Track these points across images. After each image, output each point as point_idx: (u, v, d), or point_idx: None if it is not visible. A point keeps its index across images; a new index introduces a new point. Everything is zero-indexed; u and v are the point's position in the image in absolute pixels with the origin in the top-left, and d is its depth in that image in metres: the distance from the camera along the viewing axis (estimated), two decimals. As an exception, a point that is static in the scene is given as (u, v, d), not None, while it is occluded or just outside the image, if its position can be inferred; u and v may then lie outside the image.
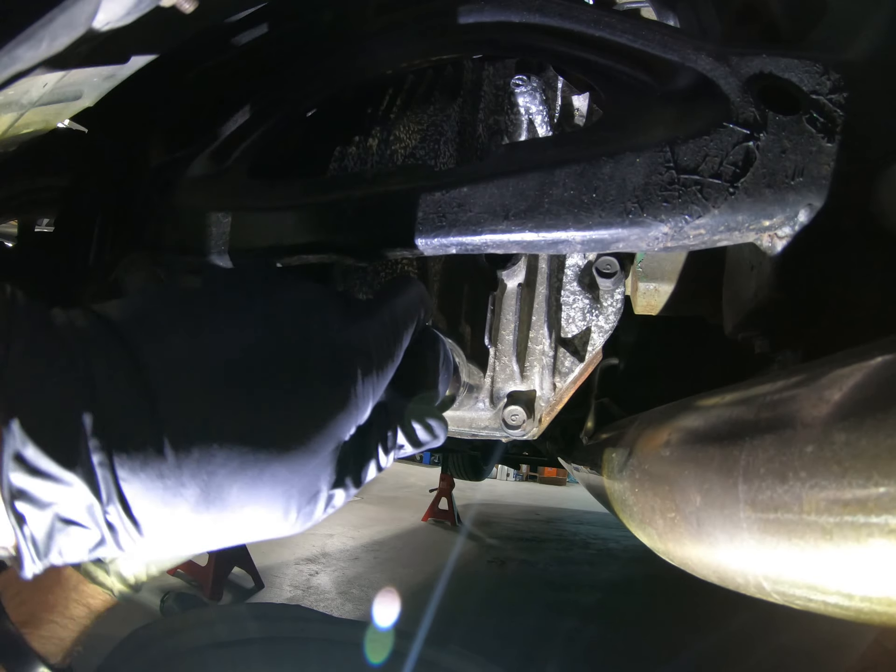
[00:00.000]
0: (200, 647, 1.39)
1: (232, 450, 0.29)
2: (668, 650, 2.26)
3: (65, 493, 0.26)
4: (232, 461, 0.29)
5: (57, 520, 0.26)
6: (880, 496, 0.27)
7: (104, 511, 0.27)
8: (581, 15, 0.57)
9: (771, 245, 0.49)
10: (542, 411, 0.66)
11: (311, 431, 0.33)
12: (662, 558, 0.57)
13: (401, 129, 0.70)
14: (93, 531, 0.28)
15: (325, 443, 0.33)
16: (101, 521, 0.27)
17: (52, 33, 0.41)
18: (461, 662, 1.47)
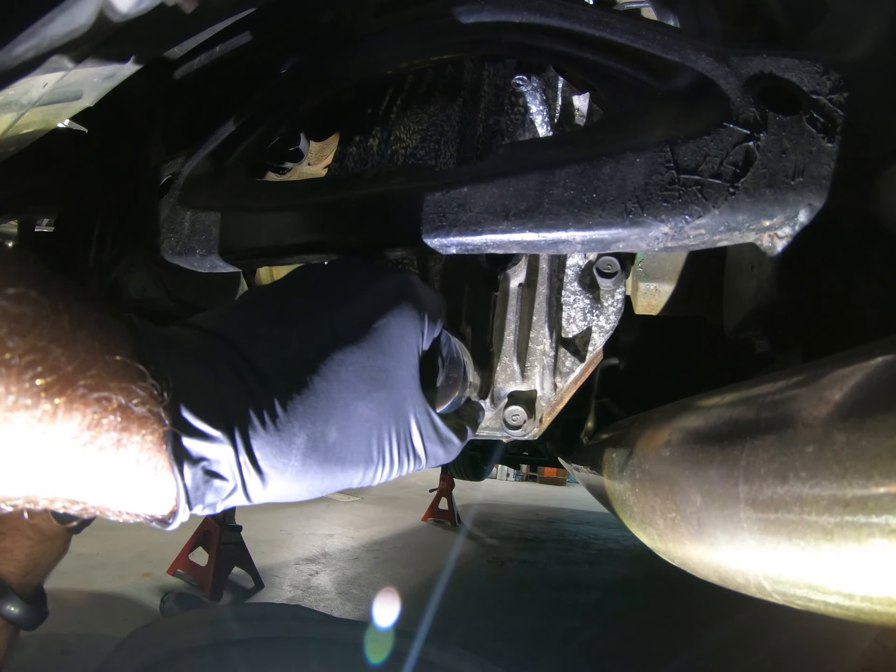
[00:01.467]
0: (200, 647, 1.39)
1: (326, 403, 0.38)
2: (668, 650, 2.26)
3: (211, 448, 0.33)
4: (327, 411, 0.38)
5: (203, 472, 0.33)
6: (880, 496, 0.27)
7: (238, 463, 0.34)
8: (581, 15, 0.57)
9: (771, 245, 0.49)
10: (542, 411, 0.66)
11: (384, 377, 0.41)
12: (662, 558, 0.57)
13: (401, 129, 0.70)
14: (229, 482, 0.35)
15: (392, 359, 0.42)
16: (237, 473, 0.35)
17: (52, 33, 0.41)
18: (461, 662, 1.47)
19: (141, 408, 0.31)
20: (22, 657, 1.64)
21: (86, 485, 0.31)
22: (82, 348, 0.29)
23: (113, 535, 2.92)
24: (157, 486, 0.33)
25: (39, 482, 0.29)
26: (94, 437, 0.29)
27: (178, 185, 0.68)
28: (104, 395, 0.29)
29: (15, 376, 0.26)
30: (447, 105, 0.70)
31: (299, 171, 0.92)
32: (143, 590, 2.35)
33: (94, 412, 0.29)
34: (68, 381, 0.28)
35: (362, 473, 0.41)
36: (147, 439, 0.31)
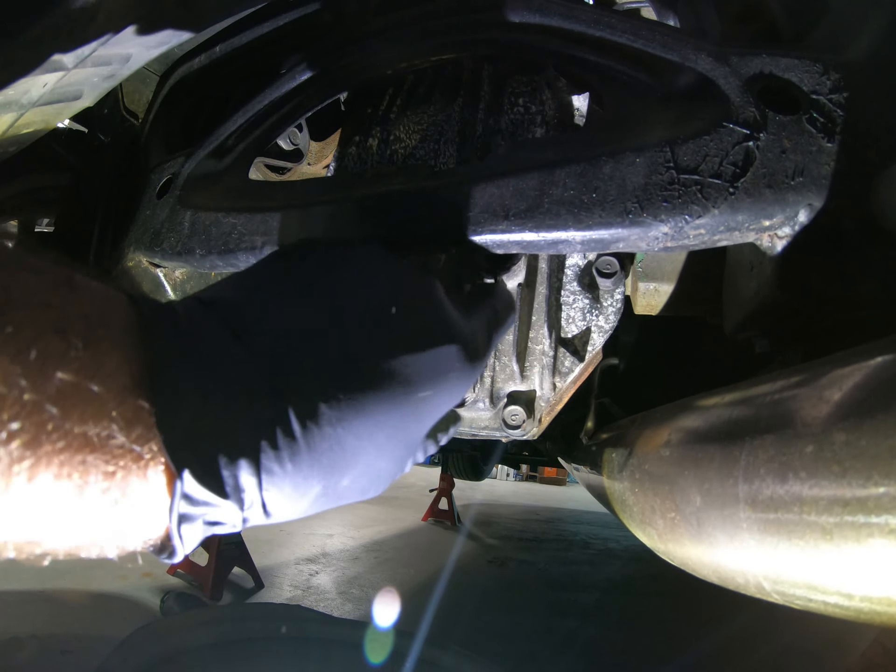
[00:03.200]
0: (200, 647, 1.39)
1: (352, 459, 0.34)
2: (668, 650, 2.26)
3: (217, 511, 0.31)
4: (348, 466, 0.34)
5: (204, 523, 0.31)
6: (880, 496, 0.27)
7: (243, 514, 0.32)
8: (581, 15, 0.57)
9: (771, 245, 0.49)
10: (542, 411, 0.66)
11: (412, 419, 0.37)
12: (662, 558, 0.57)
13: (401, 129, 0.70)
14: (229, 526, 0.33)
15: (423, 425, 0.38)
16: (240, 520, 0.32)
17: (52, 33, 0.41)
18: (461, 662, 1.47)
19: (131, 469, 0.28)
20: (22, 657, 1.64)
21: (69, 534, 0.29)
22: (56, 396, 0.25)
23: (113, 535, 2.91)
24: (148, 540, 0.32)
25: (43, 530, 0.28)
26: (75, 495, 0.27)
27: (178, 185, 0.68)
28: (85, 459, 0.26)
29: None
30: (447, 105, 0.70)
31: (299, 171, 0.92)
32: (143, 590, 2.34)
33: (100, 476, 0.27)
34: (39, 440, 0.25)
35: (354, 501, 0.39)
36: (140, 503, 0.29)
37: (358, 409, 0.34)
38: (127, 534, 0.30)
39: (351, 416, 0.33)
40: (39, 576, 2.26)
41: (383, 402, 0.35)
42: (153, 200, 0.71)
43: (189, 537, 0.32)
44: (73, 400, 0.25)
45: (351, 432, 0.34)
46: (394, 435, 0.36)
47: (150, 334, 0.29)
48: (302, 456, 0.32)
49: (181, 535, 0.31)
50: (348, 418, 0.33)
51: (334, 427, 0.33)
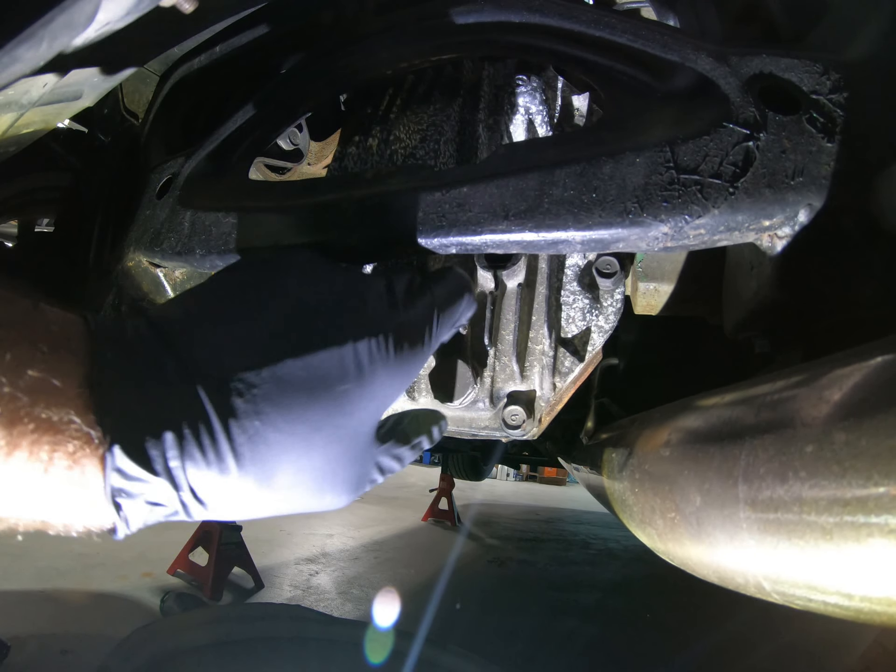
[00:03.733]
0: (200, 647, 1.39)
1: (277, 454, 0.37)
2: (668, 650, 2.26)
3: (151, 488, 0.35)
4: (277, 460, 0.37)
5: (145, 503, 0.35)
6: (880, 496, 0.27)
7: (179, 497, 0.36)
8: (581, 15, 0.57)
9: (771, 245, 0.49)
10: (542, 411, 0.66)
11: (328, 419, 0.39)
12: (662, 558, 0.57)
13: (401, 129, 0.70)
14: (170, 507, 0.37)
15: (355, 419, 0.40)
16: (177, 502, 0.36)
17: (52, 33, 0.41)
18: (461, 662, 1.47)
19: (74, 459, 0.33)
20: (22, 657, 1.64)
21: (26, 512, 0.34)
22: (6, 407, 0.31)
23: (113, 535, 2.91)
24: (99, 516, 0.35)
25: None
26: (41, 472, 0.32)
27: (178, 185, 0.68)
28: (50, 439, 0.32)
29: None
30: (447, 105, 0.70)
31: (299, 170, 0.92)
32: (143, 590, 2.35)
33: (39, 453, 0.32)
34: (14, 422, 0.31)
35: (312, 507, 0.41)
36: (85, 488, 0.33)
37: (274, 403, 0.37)
38: (81, 510, 0.35)
39: (267, 408, 0.36)
40: (39, 576, 2.26)
41: (300, 395, 0.37)
42: (153, 200, 0.71)
43: (132, 515, 0.36)
44: (39, 391, 0.32)
45: (269, 425, 0.36)
46: (320, 428, 0.38)
47: (97, 345, 0.35)
48: (221, 445, 0.35)
49: (120, 508, 0.35)
50: (265, 411, 0.36)
51: (251, 419, 0.36)
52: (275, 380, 0.37)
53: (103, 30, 0.48)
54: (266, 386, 0.37)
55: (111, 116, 0.99)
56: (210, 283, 0.44)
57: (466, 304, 0.50)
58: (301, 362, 0.38)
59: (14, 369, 0.31)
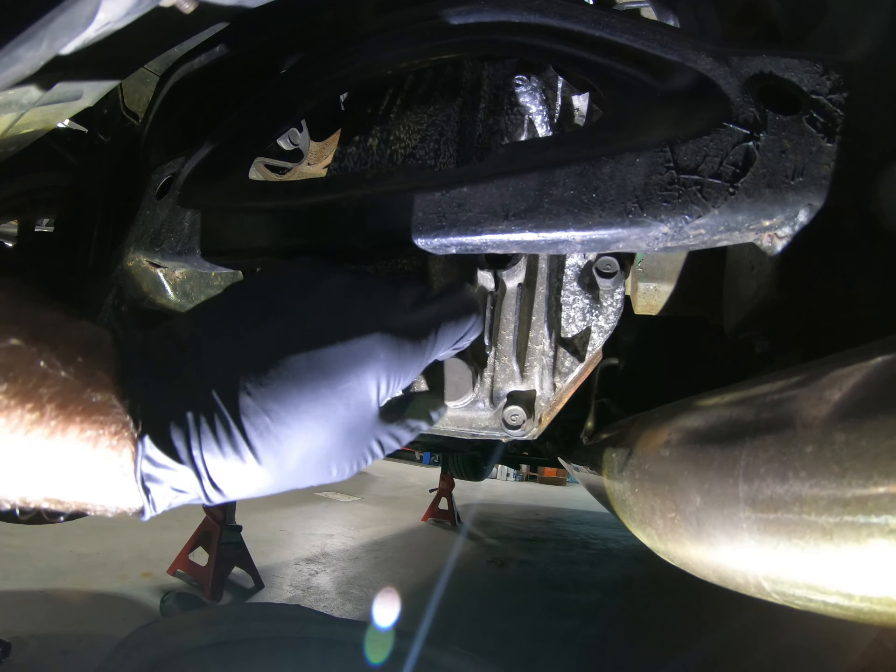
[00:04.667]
0: (200, 647, 1.39)
1: (288, 444, 0.41)
2: (668, 650, 2.26)
3: (176, 476, 0.39)
4: (288, 449, 0.41)
5: (170, 489, 0.39)
6: (880, 496, 0.27)
7: (200, 484, 0.40)
8: (581, 15, 0.57)
9: (771, 245, 0.49)
10: (541, 411, 0.66)
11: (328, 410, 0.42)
12: (662, 558, 0.57)
13: (401, 129, 0.70)
14: (191, 494, 0.41)
15: (358, 411, 0.43)
16: (199, 489, 0.40)
17: (52, 33, 0.41)
18: (461, 662, 1.47)
19: (115, 440, 0.37)
20: (22, 657, 1.64)
21: (73, 491, 0.38)
22: (63, 388, 0.35)
23: (113, 536, 2.92)
24: (131, 500, 0.40)
25: (32, 487, 0.37)
26: (90, 450, 0.36)
27: (178, 185, 0.68)
28: (97, 419, 0.36)
29: (8, 413, 0.33)
30: (447, 105, 0.70)
31: (299, 170, 0.92)
32: (143, 590, 2.35)
33: (88, 431, 0.36)
34: (49, 416, 0.34)
35: (319, 482, 0.45)
36: (121, 469, 0.38)
37: (280, 400, 0.40)
38: (116, 491, 0.39)
39: (274, 406, 0.40)
40: (39, 576, 2.26)
41: (305, 392, 0.41)
42: (153, 200, 0.71)
43: (159, 499, 0.39)
44: (88, 377, 0.36)
45: (277, 420, 0.40)
46: (325, 420, 0.42)
47: (124, 351, 0.40)
48: (235, 439, 0.39)
49: (149, 492, 0.39)
50: (272, 408, 0.40)
51: (260, 416, 0.40)
52: (280, 379, 0.41)
53: (103, 30, 0.48)
54: (272, 385, 0.40)
55: (111, 116, 1.00)
56: (222, 296, 0.48)
57: (472, 327, 0.52)
58: (305, 362, 0.41)
59: (64, 358, 0.36)
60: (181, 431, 0.38)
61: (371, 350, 0.43)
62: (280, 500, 4.36)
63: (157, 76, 0.86)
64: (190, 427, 0.39)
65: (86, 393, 0.36)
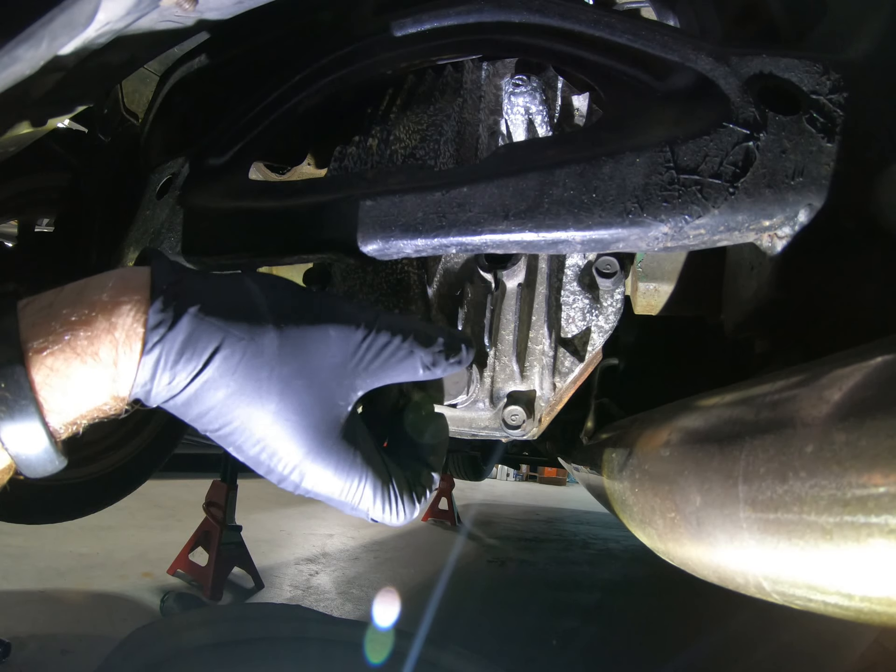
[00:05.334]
0: (200, 647, 1.39)
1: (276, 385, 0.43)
2: (668, 650, 2.26)
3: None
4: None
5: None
6: (880, 496, 0.27)
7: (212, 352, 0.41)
8: (581, 15, 0.57)
9: (771, 245, 0.49)
10: (541, 411, 0.66)
11: None
12: (662, 558, 0.57)
13: (401, 129, 0.70)
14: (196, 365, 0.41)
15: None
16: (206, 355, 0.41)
17: (52, 33, 0.41)
18: (461, 662, 1.47)
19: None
20: (22, 657, 1.64)
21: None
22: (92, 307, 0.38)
23: (113, 536, 2.92)
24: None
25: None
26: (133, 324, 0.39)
27: (177, 185, 0.68)
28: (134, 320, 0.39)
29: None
30: (447, 105, 0.70)
31: (299, 170, 0.92)
32: (143, 590, 2.35)
33: (140, 322, 0.39)
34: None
35: None
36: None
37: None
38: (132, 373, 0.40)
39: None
40: (39, 576, 2.26)
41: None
42: (153, 200, 0.71)
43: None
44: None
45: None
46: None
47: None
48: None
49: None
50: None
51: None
52: None
53: (103, 30, 0.48)
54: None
55: (111, 116, 0.99)
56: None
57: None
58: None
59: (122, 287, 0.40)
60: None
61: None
62: (280, 500, 4.36)
63: (157, 76, 0.86)
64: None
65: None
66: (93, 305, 0.39)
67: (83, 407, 0.39)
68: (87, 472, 1.56)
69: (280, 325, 0.43)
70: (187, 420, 0.43)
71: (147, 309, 0.39)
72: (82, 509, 1.61)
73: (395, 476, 0.49)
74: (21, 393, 0.36)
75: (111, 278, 0.41)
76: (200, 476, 3.76)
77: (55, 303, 0.40)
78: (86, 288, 0.40)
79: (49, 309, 0.39)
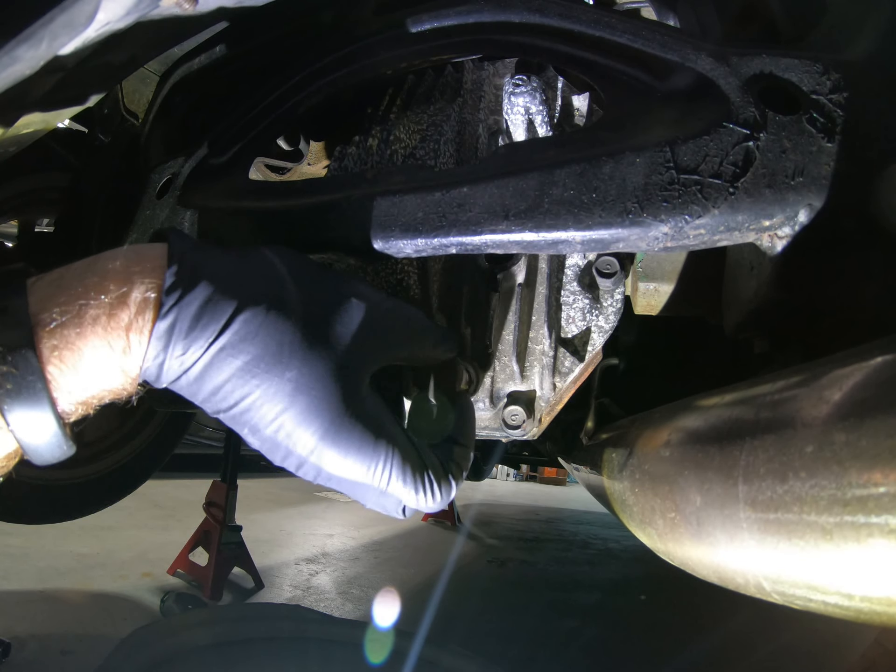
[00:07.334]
0: (200, 647, 1.39)
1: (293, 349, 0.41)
2: (668, 650, 2.26)
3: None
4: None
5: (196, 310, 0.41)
6: (880, 496, 0.27)
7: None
8: (581, 15, 0.57)
9: (771, 245, 0.49)
10: (541, 411, 0.66)
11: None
12: (662, 558, 0.57)
13: (401, 129, 0.70)
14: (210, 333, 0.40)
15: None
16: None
17: (52, 33, 0.41)
18: (461, 662, 1.47)
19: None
20: (22, 657, 1.64)
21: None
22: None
23: (113, 536, 2.92)
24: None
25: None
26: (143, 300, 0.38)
27: (178, 185, 0.68)
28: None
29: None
30: (447, 105, 0.70)
31: (299, 170, 0.92)
32: (143, 590, 2.35)
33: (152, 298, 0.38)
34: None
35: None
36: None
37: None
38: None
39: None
40: (39, 576, 2.26)
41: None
42: (153, 200, 0.71)
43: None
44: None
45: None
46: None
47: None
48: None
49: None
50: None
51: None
52: None
53: (103, 30, 0.48)
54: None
55: (111, 116, 0.99)
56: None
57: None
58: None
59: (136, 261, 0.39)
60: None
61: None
62: (280, 500, 4.36)
63: (157, 76, 0.86)
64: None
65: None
66: (105, 274, 0.37)
67: (92, 386, 0.37)
68: (87, 471, 1.56)
69: (303, 290, 0.42)
70: (198, 401, 0.40)
71: (163, 275, 0.38)
72: (82, 509, 1.61)
73: (423, 453, 0.46)
74: (29, 369, 0.34)
75: (123, 250, 0.39)
76: (200, 476, 3.75)
77: (65, 275, 0.38)
78: (98, 259, 0.39)
79: (59, 281, 0.38)
